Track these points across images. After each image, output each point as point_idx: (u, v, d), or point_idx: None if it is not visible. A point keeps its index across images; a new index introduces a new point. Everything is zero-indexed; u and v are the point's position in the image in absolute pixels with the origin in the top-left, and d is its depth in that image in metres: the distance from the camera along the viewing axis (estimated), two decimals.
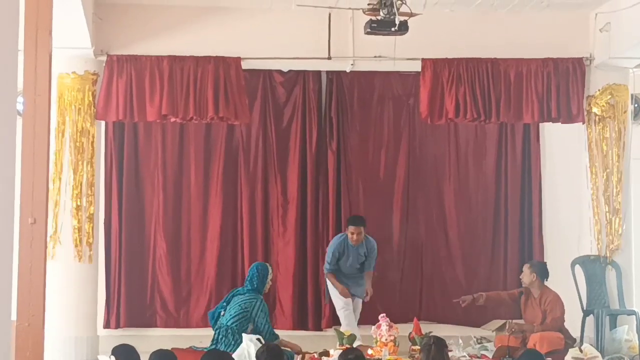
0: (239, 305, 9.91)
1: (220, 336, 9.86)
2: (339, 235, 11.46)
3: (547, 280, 10.74)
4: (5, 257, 5.53)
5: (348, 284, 11.23)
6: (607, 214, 11.03)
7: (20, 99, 5.91)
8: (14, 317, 5.67)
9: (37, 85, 5.69)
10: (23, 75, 5.77)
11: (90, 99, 10.75)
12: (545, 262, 11.28)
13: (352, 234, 11.17)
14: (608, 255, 10.99)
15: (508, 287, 12.31)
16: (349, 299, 11.15)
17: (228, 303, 10.09)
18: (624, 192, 11.06)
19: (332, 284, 11.20)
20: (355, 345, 9.90)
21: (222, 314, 10.07)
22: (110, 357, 6.30)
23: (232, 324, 9.82)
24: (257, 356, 7.14)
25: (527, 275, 10.76)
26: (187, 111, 10.75)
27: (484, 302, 10.87)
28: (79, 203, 10.57)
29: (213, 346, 9.62)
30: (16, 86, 5.75)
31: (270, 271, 10.28)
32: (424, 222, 12.64)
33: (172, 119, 10.97)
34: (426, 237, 12.63)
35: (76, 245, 10.53)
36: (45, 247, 5.40)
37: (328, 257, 11.21)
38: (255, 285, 10.08)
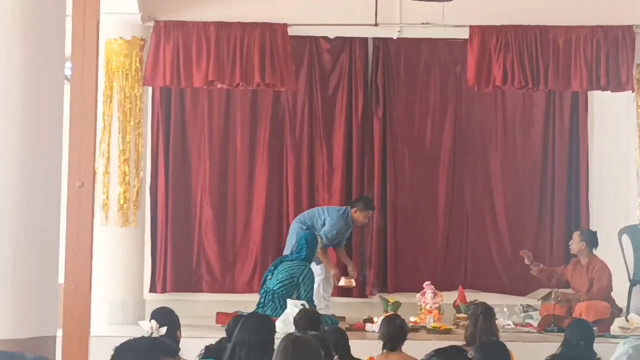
0: (286, 272, 9.98)
1: (266, 300, 9.93)
2: (339, 209, 11.33)
3: (596, 249, 10.67)
4: (53, 219, 5.60)
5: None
6: None
7: (68, 64, 5.96)
8: (61, 280, 5.75)
9: (84, 51, 5.72)
10: (71, 40, 5.81)
11: (138, 64, 10.78)
12: (595, 231, 11.21)
13: (366, 217, 11.13)
14: None
15: (554, 256, 12.27)
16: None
17: (275, 268, 10.15)
18: None
19: (327, 263, 11.05)
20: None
21: (269, 277, 10.14)
22: (150, 322, 6.31)
23: (278, 288, 9.88)
24: (295, 321, 7.18)
25: (576, 243, 10.70)
26: (233, 77, 10.74)
27: (537, 272, 10.78)
28: (126, 168, 10.64)
29: (259, 310, 9.68)
30: (64, 52, 5.80)
31: (319, 241, 10.33)
32: (469, 191, 12.59)
33: (219, 85, 10.97)
34: (472, 205, 12.59)
35: (123, 210, 10.60)
36: (93, 210, 5.44)
37: (330, 232, 11.00)
38: (305, 255, 10.13)
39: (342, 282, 10.65)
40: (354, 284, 11.13)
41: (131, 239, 10.76)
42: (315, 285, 10.51)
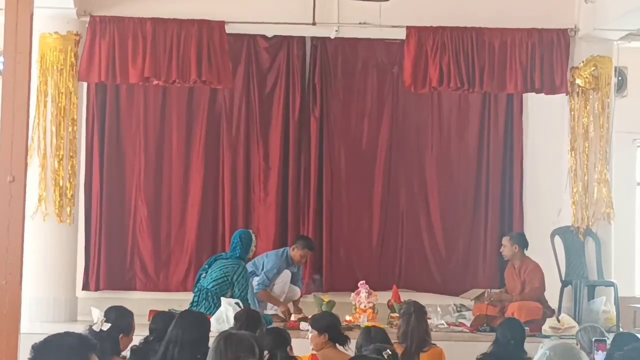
0: (221, 270, 9.94)
1: (200, 298, 9.90)
2: (278, 251, 11.22)
3: (526, 250, 10.78)
4: None
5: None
6: (588, 186, 11.04)
7: (0, 59, 5.87)
8: None
9: (17, 44, 5.63)
10: (4, 34, 5.72)
11: (73, 59, 10.65)
12: (523, 233, 11.34)
13: (303, 257, 11.09)
14: (588, 226, 11.02)
15: (487, 257, 12.39)
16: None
17: (210, 266, 10.11)
18: (604, 165, 11.07)
19: (273, 301, 10.83)
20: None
21: (203, 276, 10.10)
22: (100, 314, 6.23)
23: (212, 287, 9.85)
24: (236, 317, 7.13)
25: (508, 248, 10.79)
26: (169, 74, 10.66)
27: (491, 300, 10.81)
28: (60, 164, 10.51)
29: (193, 308, 9.64)
30: None
31: (253, 239, 10.29)
32: (405, 191, 12.65)
33: (155, 82, 10.88)
34: (407, 206, 12.65)
35: (57, 206, 10.48)
36: (24, 205, 5.35)
37: (270, 272, 10.84)
38: (239, 253, 10.09)
39: (293, 317, 10.42)
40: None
41: (64, 235, 10.63)
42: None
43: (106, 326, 6.09)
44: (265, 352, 5.47)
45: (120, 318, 6.48)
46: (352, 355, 6.28)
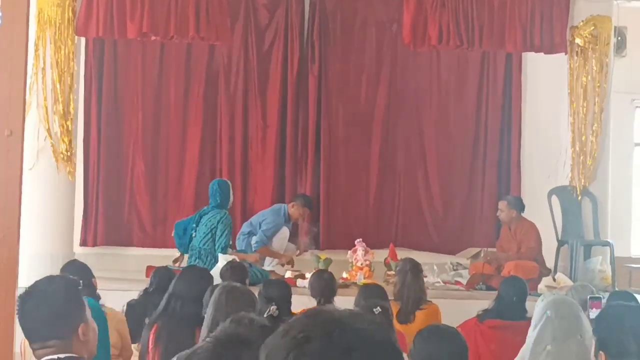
0: (206, 225, 9.96)
1: (193, 258, 9.90)
2: (274, 207, 11.26)
3: (523, 212, 10.79)
4: None
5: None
6: (585, 145, 11.04)
7: None
8: None
9: None
10: None
11: (71, 14, 10.56)
12: (519, 196, 11.36)
13: (302, 215, 11.09)
14: (585, 186, 11.02)
15: (484, 216, 12.41)
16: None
17: (197, 225, 10.10)
18: (602, 124, 11.06)
19: (275, 255, 10.91)
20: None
21: (193, 235, 10.10)
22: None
23: (203, 244, 9.86)
24: (221, 274, 7.14)
25: (505, 212, 10.76)
26: (167, 30, 10.59)
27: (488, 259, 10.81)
28: (58, 119, 10.48)
29: None
30: None
31: (229, 185, 10.27)
32: (402, 150, 12.65)
33: (153, 38, 10.82)
34: (404, 164, 12.66)
35: (55, 161, 10.46)
36: (22, 160, 5.34)
37: (268, 230, 10.88)
38: (219, 201, 10.07)
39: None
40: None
41: (62, 191, 10.61)
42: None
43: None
44: (273, 305, 5.47)
45: (83, 270, 6.35)
46: None
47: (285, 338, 1.82)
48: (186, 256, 10.09)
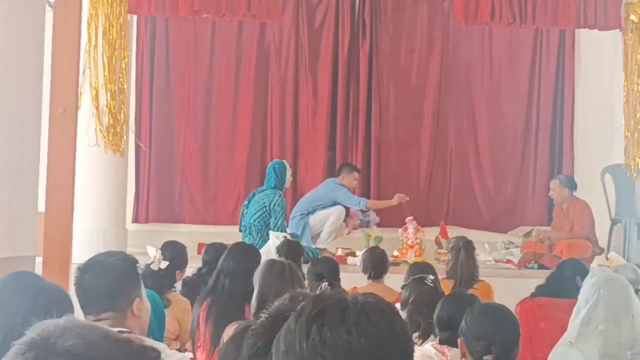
0: (258, 203, 9.99)
1: (245, 235, 9.95)
2: (330, 181, 11.14)
3: (575, 191, 10.70)
4: (32, 146, 5.57)
5: None
6: (639, 123, 10.90)
7: None
8: (42, 207, 5.72)
9: None
10: None
11: None
12: (572, 175, 11.25)
13: (355, 179, 11.06)
14: (639, 164, 10.88)
15: (536, 194, 12.32)
16: None
17: (249, 202, 10.16)
18: None
19: (382, 205, 11.20)
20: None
21: (245, 212, 10.16)
22: (157, 251, 6.26)
23: (254, 221, 9.90)
24: (277, 249, 7.21)
25: (557, 192, 10.69)
26: (219, 7, 10.58)
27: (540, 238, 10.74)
28: (111, 96, 10.54)
29: None
30: None
31: (287, 167, 10.28)
32: (454, 128, 12.59)
33: (204, 15, 10.85)
34: (456, 142, 12.60)
35: (107, 139, 10.52)
36: (75, 137, 5.40)
37: (349, 197, 10.88)
38: (274, 183, 10.10)
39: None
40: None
41: (115, 168, 10.69)
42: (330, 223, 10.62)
43: (164, 264, 6.12)
44: (324, 282, 5.50)
45: (177, 255, 6.53)
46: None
47: (300, 320, 1.87)
48: None
